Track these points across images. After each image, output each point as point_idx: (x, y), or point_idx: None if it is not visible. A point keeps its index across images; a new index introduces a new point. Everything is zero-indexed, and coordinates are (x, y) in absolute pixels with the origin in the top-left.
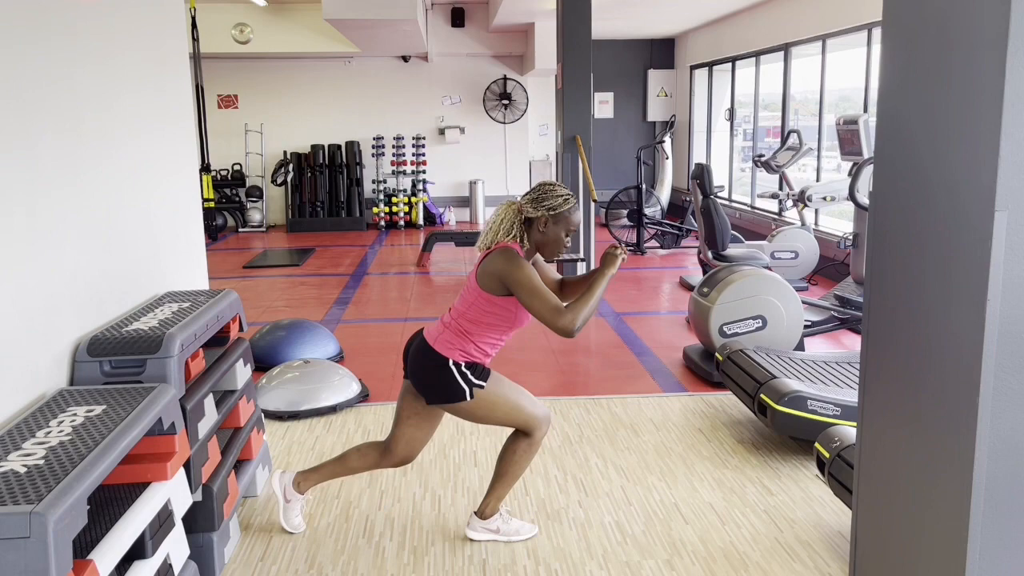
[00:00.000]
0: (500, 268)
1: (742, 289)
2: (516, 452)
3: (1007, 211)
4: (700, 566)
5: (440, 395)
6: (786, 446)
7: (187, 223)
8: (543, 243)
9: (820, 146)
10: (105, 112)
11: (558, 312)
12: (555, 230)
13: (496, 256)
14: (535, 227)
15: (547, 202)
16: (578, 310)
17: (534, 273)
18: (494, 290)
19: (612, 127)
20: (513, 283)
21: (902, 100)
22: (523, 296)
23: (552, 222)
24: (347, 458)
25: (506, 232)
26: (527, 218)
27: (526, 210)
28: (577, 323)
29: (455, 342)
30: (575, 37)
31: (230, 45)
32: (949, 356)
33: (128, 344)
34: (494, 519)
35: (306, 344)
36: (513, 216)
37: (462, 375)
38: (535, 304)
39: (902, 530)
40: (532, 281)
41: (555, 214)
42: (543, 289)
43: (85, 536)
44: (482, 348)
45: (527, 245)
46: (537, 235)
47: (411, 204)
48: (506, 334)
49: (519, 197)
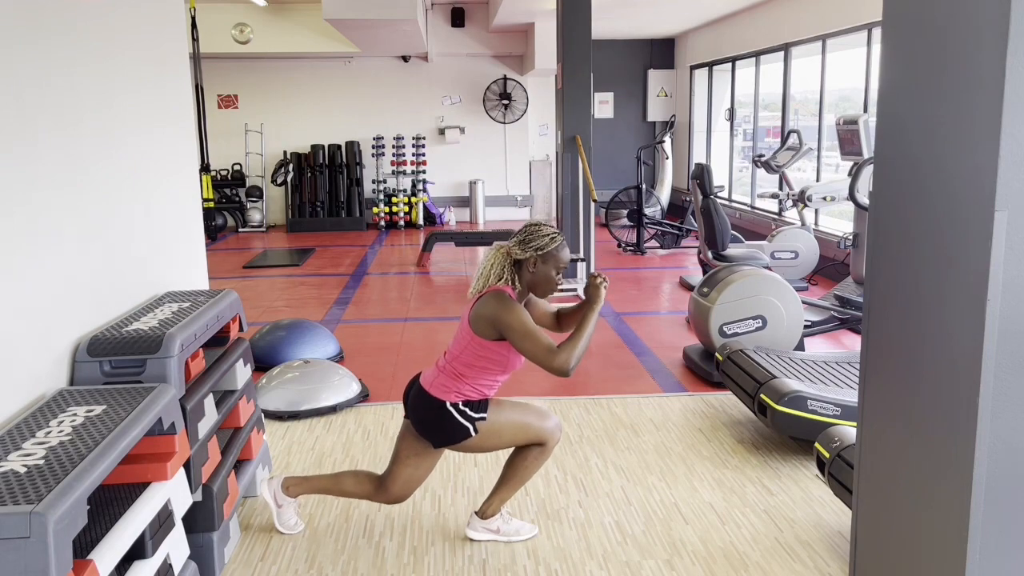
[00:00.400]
0: (492, 312)
1: (742, 289)
2: (527, 459)
3: (1007, 211)
4: (700, 566)
5: (445, 438)
6: (786, 446)
7: (187, 223)
8: (534, 283)
9: (820, 146)
10: (105, 112)
11: (551, 353)
12: (544, 269)
13: (488, 300)
14: (525, 268)
15: (534, 243)
16: (571, 349)
17: (526, 316)
18: (487, 334)
19: (612, 127)
20: (505, 327)
21: (902, 100)
22: (516, 339)
23: (541, 262)
24: (342, 480)
25: (497, 276)
26: (516, 260)
27: (514, 253)
28: (572, 362)
29: (450, 385)
30: (575, 37)
31: (230, 45)
32: (949, 356)
33: (128, 344)
34: (494, 519)
35: (306, 344)
36: (503, 260)
37: (461, 413)
38: (528, 346)
39: (902, 530)
40: (524, 324)
41: (543, 254)
42: (535, 331)
43: (85, 536)
44: (478, 390)
45: (519, 287)
46: (528, 276)
47: (411, 204)
48: (501, 376)
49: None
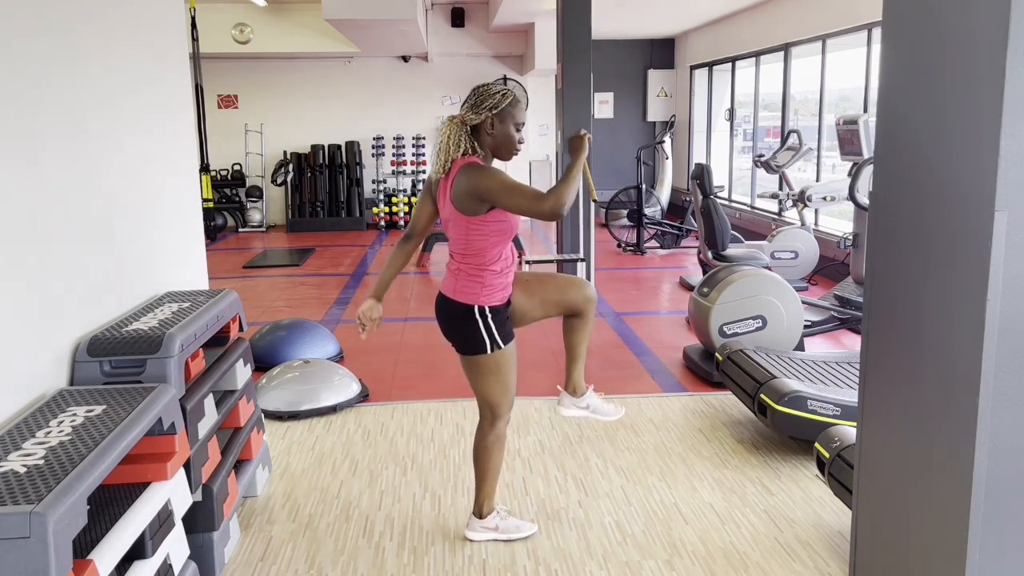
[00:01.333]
0: (470, 184)
1: (742, 289)
2: (486, 447)
3: (1007, 211)
4: (700, 566)
5: (465, 342)
6: (786, 446)
7: (187, 223)
8: (496, 146)
9: (820, 146)
10: (105, 112)
11: (540, 198)
12: (503, 129)
13: (460, 176)
14: (483, 132)
15: (486, 103)
16: (559, 191)
17: (503, 173)
18: (477, 210)
19: (612, 127)
20: (486, 191)
21: (902, 100)
22: (502, 198)
23: (498, 121)
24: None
25: (455, 146)
26: (473, 127)
27: (468, 119)
28: (562, 202)
29: (472, 284)
30: (575, 37)
31: (230, 45)
32: (949, 356)
33: (128, 344)
34: (492, 517)
35: (306, 344)
36: (458, 129)
37: (487, 327)
38: (515, 200)
39: (902, 530)
40: (504, 181)
41: (498, 112)
42: (517, 183)
43: (85, 536)
44: (496, 271)
45: (483, 152)
46: (487, 139)
47: (411, 204)
48: (507, 244)
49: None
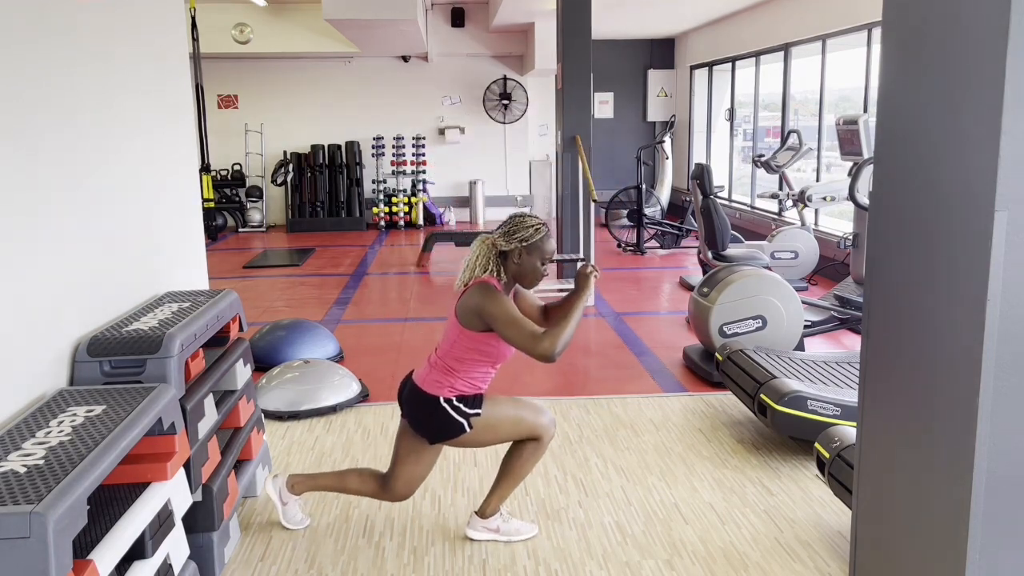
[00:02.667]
0: (477, 303)
1: (742, 289)
2: (523, 455)
3: (1007, 211)
4: (700, 566)
5: (440, 434)
6: (786, 446)
7: (187, 223)
8: (520, 274)
9: (820, 146)
10: (105, 112)
11: (536, 338)
12: (530, 260)
13: (473, 291)
14: (510, 260)
15: (519, 234)
16: (557, 335)
17: (510, 304)
18: (474, 326)
19: (612, 127)
20: (489, 316)
21: (902, 100)
22: (500, 327)
23: (526, 253)
24: (346, 477)
25: (482, 268)
26: (502, 252)
27: (500, 244)
28: (556, 347)
29: (443, 380)
30: (575, 37)
31: (230, 45)
32: (949, 356)
33: (128, 344)
34: (494, 519)
35: (306, 344)
36: (488, 251)
37: (456, 409)
38: (512, 333)
39: (902, 530)
40: (508, 312)
41: (528, 245)
42: (519, 318)
43: (85, 536)
44: (471, 383)
45: (504, 278)
46: (513, 267)
47: (411, 204)
48: (492, 368)
49: (492, 233)
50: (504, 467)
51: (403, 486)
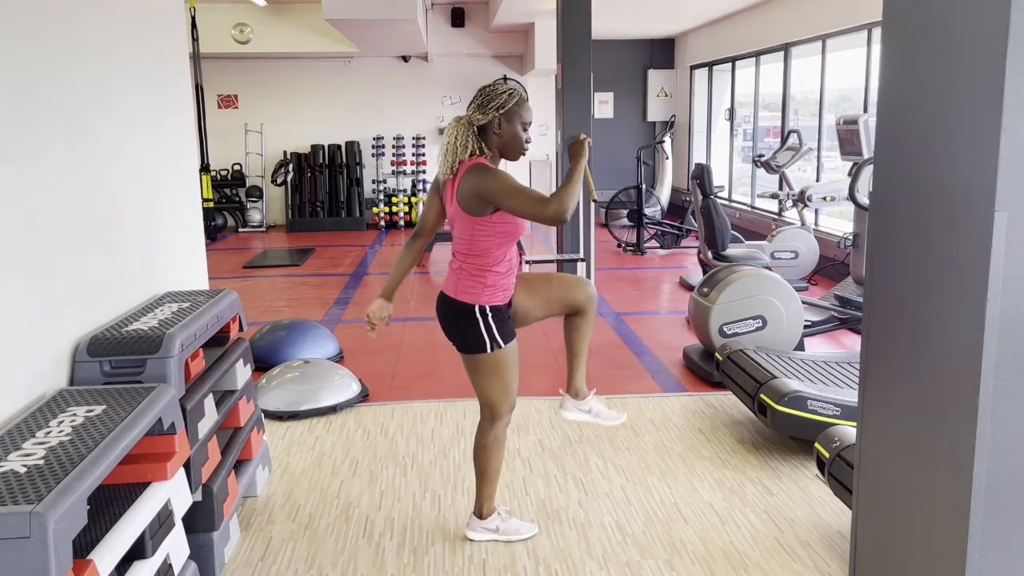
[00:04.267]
0: (474, 185)
1: (742, 289)
2: (486, 447)
3: (1007, 211)
4: (700, 566)
5: (465, 341)
6: (786, 446)
7: (187, 223)
8: (503, 146)
9: (820, 146)
10: (105, 112)
11: (543, 202)
12: (510, 128)
13: (468, 176)
14: (490, 132)
15: (493, 102)
16: (562, 196)
17: (508, 176)
18: (481, 211)
19: (612, 127)
20: (490, 193)
21: (902, 100)
22: (506, 200)
23: (505, 121)
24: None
25: (463, 148)
26: (479, 127)
27: (475, 119)
28: (565, 206)
29: (474, 284)
30: (575, 37)
31: (230, 45)
32: (949, 356)
33: (128, 344)
34: (493, 518)
35: (306, 344)
36: (465, 130)
37: (487, 327)
38: (518, 203)
39: (902, 530)
40: (508, 184)
41: (505, 111)
42: (521, 186)
43: (85, 536)
44: (499, 272)
45: (490, 153)
46: (495, 139)
47: (411, 204)
48: (512, 246)
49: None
50: (476, 467)
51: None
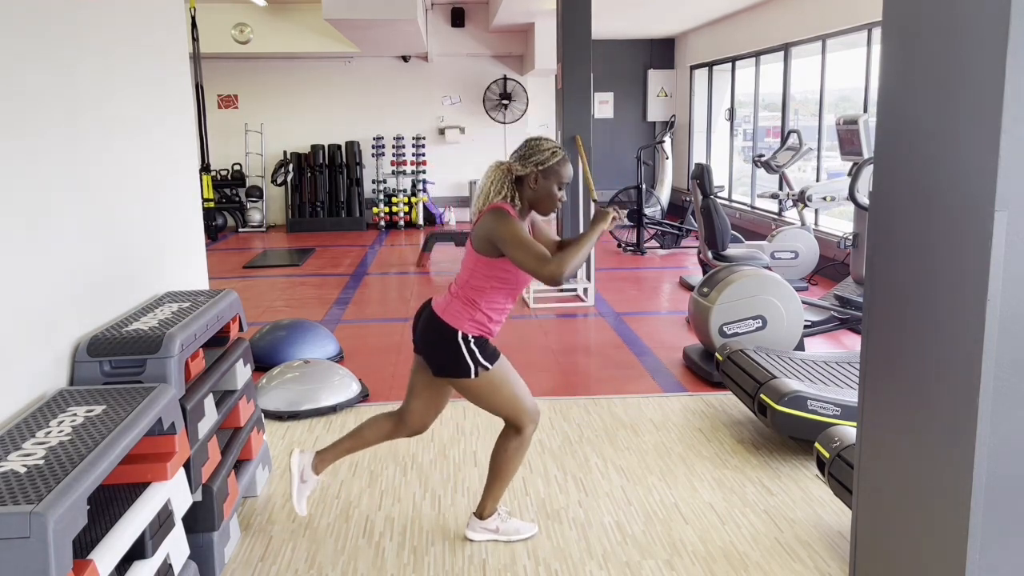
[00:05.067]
0: (489, 228)
1: (742, 289)
2: (507, 451)
3: (1007, 211)
4: (700, 566)
5: (446, 368)
6: (786, 446)
7: (187, 223)
8: (536, 200)
9: (820, 146)
10: (105, 112)
11: (543, 260)
12: (546, 185)
13: (486, 217)
14: (526, 184)
15: (534, 157)
16: (565, 258)
17: (521, 228)
18: (489, 252)
19: (612, 127)
20: (499, 239)
21: (902, 100)
22: (510, 249)
23: (542, 177)
24: (362, 432)
25: (497, 192)
26: (517, 176)
27: (515, 168)
28: (563, 270)
29: (464, 312)
30: (575, 37)
31: (230, 45)
32: (949, 356)
33: (128, 344)
34: (493, 519)
35: (306, 344)
36: (503, 176)
37: (470, 352)
38: (520, 255)
39: (902, 530)
40: (517, 235)
41: (544, 168)
42: (528, 240)
43: (85, 536)
44: (489, 315)
45: (520, 204)
46: (529, 192)
47: (411, 204)
48: (511, 296)
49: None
50: (492, 467)
51: (418, 420)
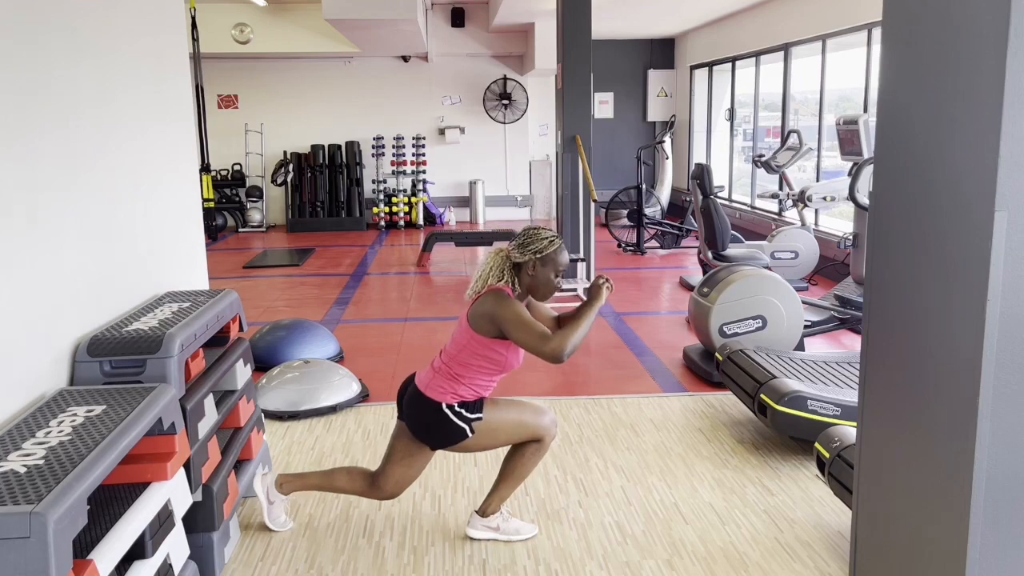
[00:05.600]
0: (490, 308)
1: (742, 289)
2: (524, 455)
3: (1007, 211)
4: (700, 566)
5: (442, 440)
6: (786, 446)
7: (187, 223)
8: (534, 286)
9: (820, 146)
10: (105, 112)
11: (545, 339)
12: (544, 272)
13: (486, 297)
14: (524, 271)
15: (533, 246)
16: (566, 335)
17: (523, 309)
18: (486, 332)
19: (612, 127)
20: (501, 320)
21: (902, 100)
22: (511, 329)
23: (540, 264)
24: (335, 476)
25: (496, 278)
26: (515, 263)
27: (514, 256)
28: (566, 347)
29: (446, 386)
30: (575, 37)
31: (230, 45)
32: (949, 356)
33: (128, 344)
34: (494, 517)
35: (306, 344)
36: (502, 262)
37: (457, 415)
38: (522, 335)
39: (902, 530)
40: (519, 314)
41: (542, 257)
42: (530, 321)
43: (85, 536)
44: (474, 390)
45: (518, 289)
46: (527, 279)
47: (411, 204)
48: (496, 376)
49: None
50: (505, 468)
51: (393, 486)
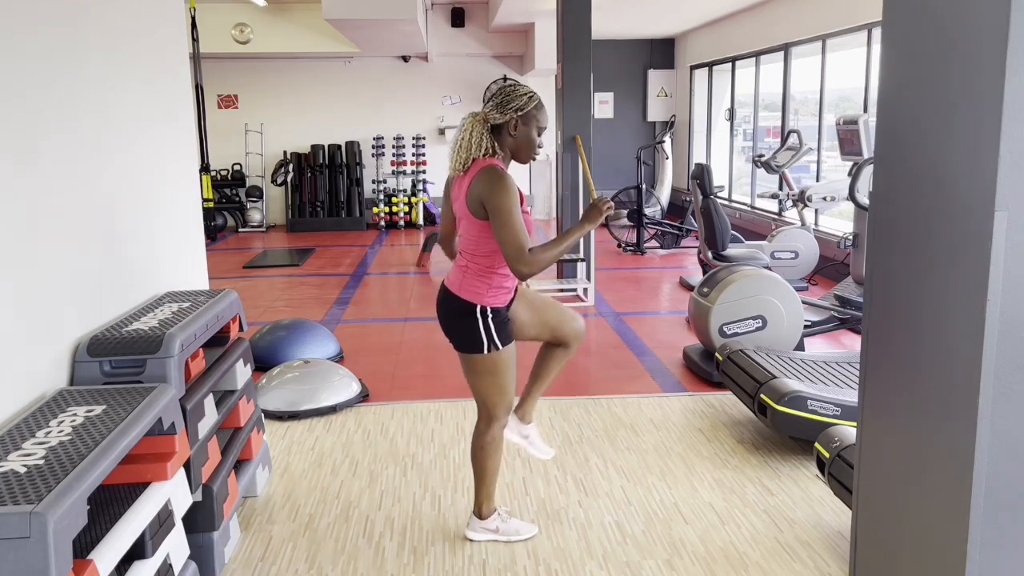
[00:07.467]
0: (483, 191)
1: (742, 289)
2: (484, 448)
3: (1007, 211)
4: (700, 566)
5: (463, 341)
6: (786, 446)
7: (187, 223)
8: (516, 148)
9: (820, 146)
10: (105, 112)
11: (520, 250)
12: (525, 131)
13: (479, 178)
14: (505, 133)
15: (513, 103)
16: (540, 254)
17: (515, 204)
18: (485, 215)
19: (612, 127)
20: (492, 207)
21: (902, 100)
22: (496, 222)
23: (522, 123)
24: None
25: (478, 146)
26: (494, 126)
27: (492, 117)
28: (537, 267)
29: (480, 284)
30: (575, 37)
31: (230, 45)
32: (949, 356)
33: (128, 344)
34: (493, 519)
35: (306, 344)
36: (480, 127)
37: (486, 328)
38: (504, 235)
39: (902, 530)
40: (508, 208)
41: (523, 114)
42: (517, 223)
43: (85, 536)
44: (504, 274)
45: (501, 153)
46: (508, 140)
47: (411, 204)
48: None
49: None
50: (473, 467)
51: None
